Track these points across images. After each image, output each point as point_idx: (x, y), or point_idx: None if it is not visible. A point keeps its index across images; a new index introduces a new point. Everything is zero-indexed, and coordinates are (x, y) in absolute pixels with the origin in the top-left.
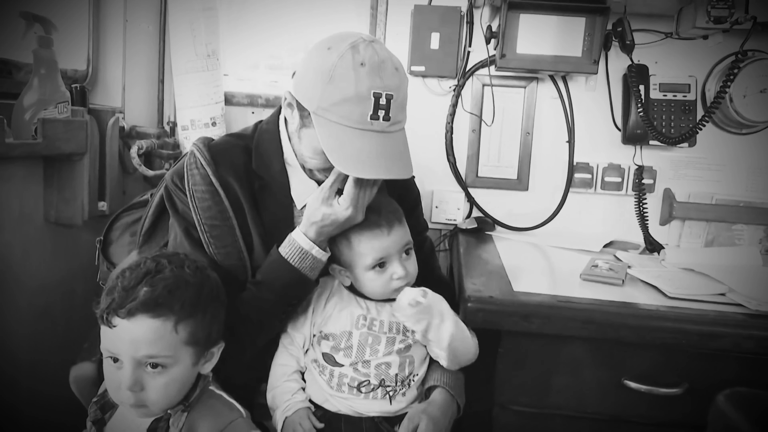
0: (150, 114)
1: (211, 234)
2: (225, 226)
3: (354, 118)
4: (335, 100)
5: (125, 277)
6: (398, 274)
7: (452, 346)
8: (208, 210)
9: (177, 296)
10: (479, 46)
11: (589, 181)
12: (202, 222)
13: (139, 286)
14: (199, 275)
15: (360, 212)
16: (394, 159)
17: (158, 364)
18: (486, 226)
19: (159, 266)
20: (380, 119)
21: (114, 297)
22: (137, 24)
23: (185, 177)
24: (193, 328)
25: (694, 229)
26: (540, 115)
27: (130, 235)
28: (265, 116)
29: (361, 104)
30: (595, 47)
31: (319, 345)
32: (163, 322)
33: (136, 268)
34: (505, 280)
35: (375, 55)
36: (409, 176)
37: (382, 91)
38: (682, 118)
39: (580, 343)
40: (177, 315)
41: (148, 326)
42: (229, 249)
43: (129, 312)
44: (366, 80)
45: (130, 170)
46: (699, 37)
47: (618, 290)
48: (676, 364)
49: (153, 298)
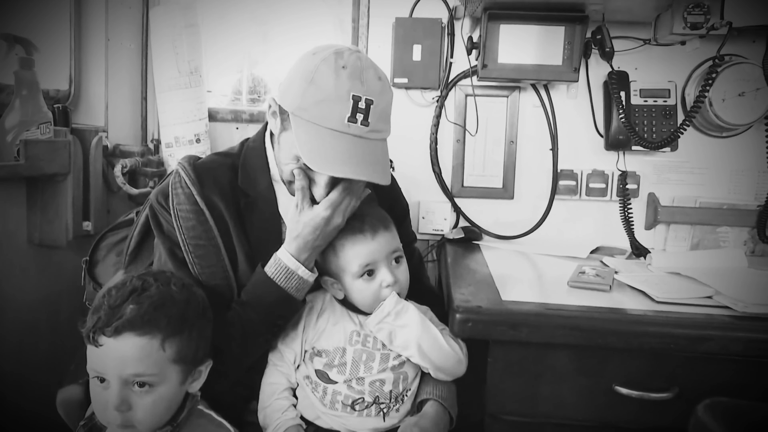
0: (133, 132)
1: (196, 254)
2: (210, 245)
3: (331, 119)
4: (314, 100)
5: (111, 296)
6: (387, 281)
7: (422, 351)
8: (193, 230)
9: (163, 313)
10: (461, 57)
11: (573, 187)
12: (186, 242)
13: (125, 304)
14: (186, 292)
15: (340, 215)
16: (367, 163)
17: (145, 382)
18: (473, 235)
19: (145, 284)
20: (358, 123)
21: (100, 316)
22: (119, 42)
23: (170, 196)
24: (180, 345)
25: (680, 233)
26: (523, 124)
27: (116, 254)
28: (250, 132)
29: (338, 105)
30: (576, 55)
31: (311, 361)
32: (150, 340)
33: (122, 287)
34: (493, 290)
35: (358, 61)
36: (384, 182)
37: (362, 95)
38: (664, 123)
39: (569, 350)
40: (163, 332)
41: (134, 344)
42: (214, 269)
43: (115, 330)
44: (346, 82)
45: (114, 189)
46: (677, 43)
47: (605, 296)
48: (665, 369)
49: (139, 315)
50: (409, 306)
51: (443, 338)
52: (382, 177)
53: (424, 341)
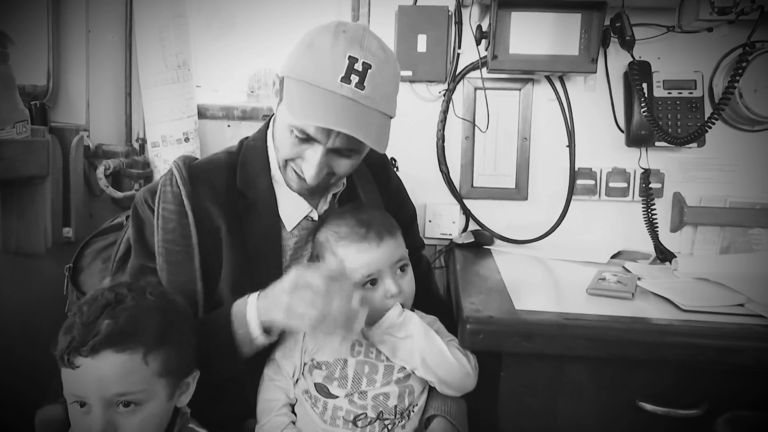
0: (117, 131)
1: (167, 259)
2: (185, 253)
3: (324, 78)
4: (309, 59)
5: (83, 312)
6: (391, 292)
7: (427, 364)
8: (171, 232)
9: (142, 325)
10: (469, 48)
11: (592, 187)
12: (160, 243)
13: (99, 320)
14: (164, 300)
15: (312, 307)
16: (360, 124)
17: (131, 401)
18: (484, 239)
19: (119, 296)
20: (351, 84)
21: (74, 335)
22: (101, 34)
23: (158, 194)
24: (165, 357)
25: (708, 235)
26: (537, 119)
27: (102, 261)
28: (242, 130)
29: (332, 63)
30: (593, 45)
31: (310, 374)
32: (131, 355)
33: (94, 302)
34: (506, 298)
35: (361, 30)
36: (379, 148)
37: (359, 57)
38: (690, 117)
39: (589, 363)
40: (145, 346)
41: (114, 362)
42: (182, 277)
43: (92, 349)
44: (343, 44)
45: (96, 192)
46: (703, 30)
47: (628, 304)
48: (693, 384)
49: (117, 330)
50: (412, 316)
51: (449, 350)
52: (377, 142)
53: (428, 353)
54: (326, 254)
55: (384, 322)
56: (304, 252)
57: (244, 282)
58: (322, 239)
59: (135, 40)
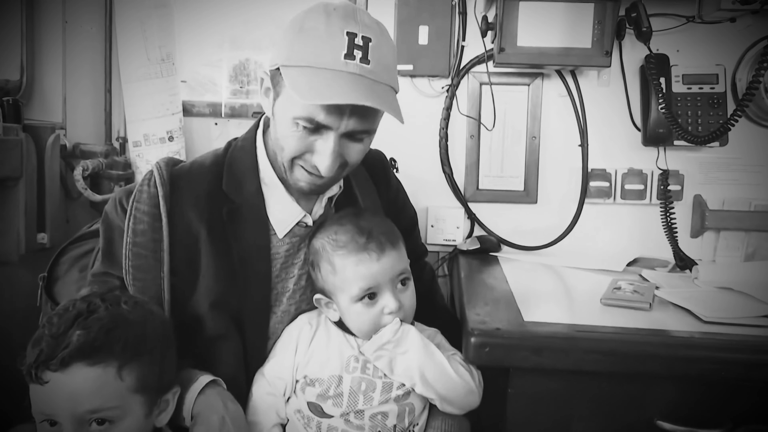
0: (96, 129)
1: (133, 263)
2: (153, 258)
3: (326, 58)
4: (305, 44)
5: (53, 324)
6: (390, 308)
7: (426, 380)
8: (141, 235)
9: (116, 336)
10: (475, 40)
11: (606, 189)
12: (129, 245)
13: (70, 331)
14: (140, 310)
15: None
16: (375, 96)
17: (104, 419)
18: (490, 246)
19: (92, 306)
20: (356, 60)
21: (42, 347)
22: (78, 25)
23: (133, 194)
24: (141, 371)
25: (731, 241)
26: (547, 116)
27: (78, 270)
28: (231, 128)
29: (332, 42)
30: (607, 36)
31: (303, 392)
32: (104, 369)
33: (64, 312)
34: (514, 309)
35: (349, 5)
36: (400, 119)
37: (357, 32)
38: (711, 114)
39: (603, 378)
40: (119, 359)
41: (86, 376)
42: (145, 284)
43: (62, 362)
44: (338, 21)
45: (74, 195)
46: (725, 21)
47: (645, 316)
48: (715, 400)
49: (89, 341)
50: (409, 330)
51: (451, 365)
52: (398, 112)
53: (427, 368)
54: (322, 263)
55: (381, 337)
56: (295, 261)
57: (227, 294)
58: (318, 246)
59: (115, 32)
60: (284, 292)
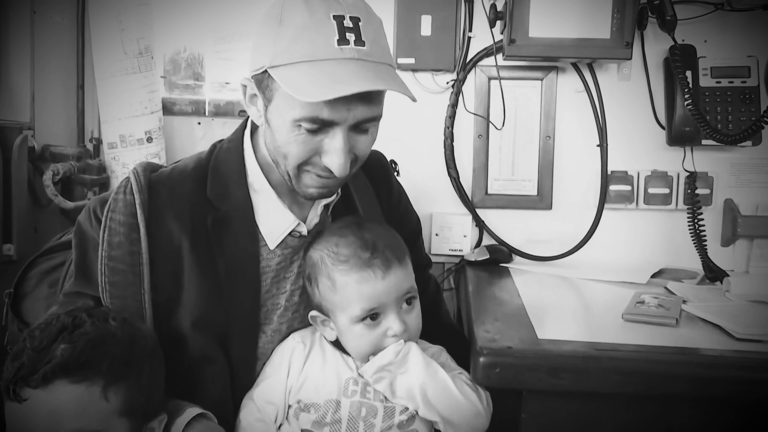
0: (68, 130)
1: (110, 279)
2: (131, 273)
3: (319, 49)
4: (290, 37)
5: (35, 337)
6: (394, 330)
7: (428, 401)
8: (118, 247)
9: (103, 353)
10: (482, 31)
11: (628, 194)
12: (104, 260)
13: (54, 345)
14: (128, 328)
15: None
16: (382, 78)
17: None
18: (500, 256)
19: (77, 320)
20: (351, 44)
21: (22, 362)
22: (48, 16)
23: (108, 203)
24: (127, 393)
25: (766, 250)
26: (562, 114)
27: (48, 285)
28: (215, 128)
29: (321, 29)
30: (628, 26)
31: (296, 419)
32: (89, 387)
33: (47, 326)
34: (527, 325)
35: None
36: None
37: (344, 13)
38: (743, 110)
39: (625, 401)
40: (105, 377)
41: (69, 394)
42: (125, 301)
43: (44, 378)
44: (320, 5)
45: (43, 202)
46: (758, 8)
47: (671, 332)
48: (748, 424)
49: (74, 357)
50: (411, 346)
51: (456, 384)
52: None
53: (429, 387)
54: (320, 278)
55: (382, 358)
56: (288, 275)
57: (211, 311)
58: (316, 258)
59: (89, 23)
60: (275, 310)
